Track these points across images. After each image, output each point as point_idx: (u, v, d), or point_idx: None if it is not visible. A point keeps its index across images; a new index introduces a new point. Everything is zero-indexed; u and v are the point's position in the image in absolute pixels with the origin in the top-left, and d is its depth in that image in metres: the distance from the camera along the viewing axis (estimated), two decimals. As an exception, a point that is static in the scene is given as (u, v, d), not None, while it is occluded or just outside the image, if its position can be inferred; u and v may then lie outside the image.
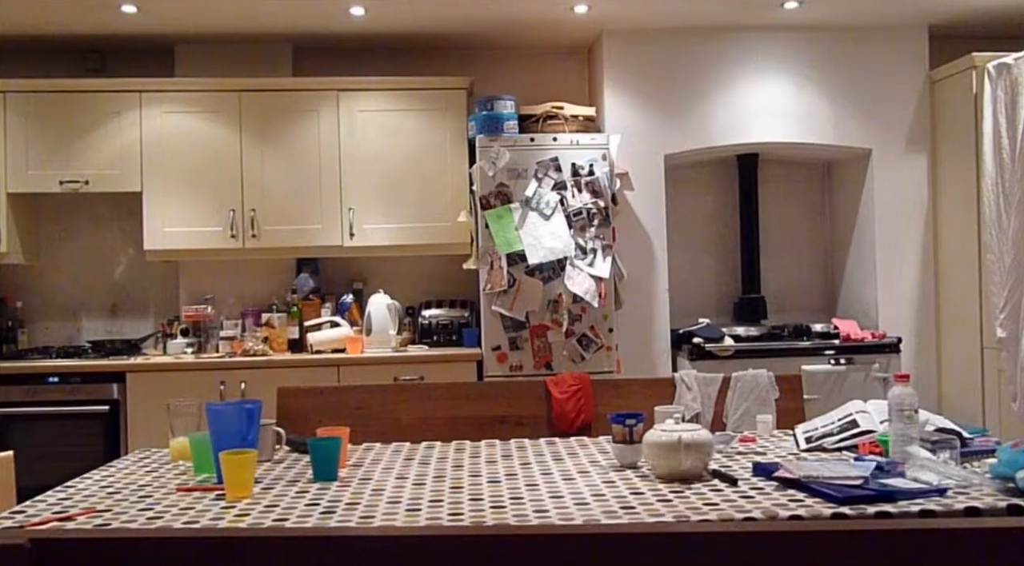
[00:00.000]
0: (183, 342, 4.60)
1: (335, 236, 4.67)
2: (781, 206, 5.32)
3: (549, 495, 2.06)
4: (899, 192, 4.87)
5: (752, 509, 1.88)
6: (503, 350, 4.41)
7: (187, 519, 1.91)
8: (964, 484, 2.00)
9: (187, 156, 4.62)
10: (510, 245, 4.37)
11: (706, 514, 1.86)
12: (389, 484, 2.21)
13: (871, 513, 1.84)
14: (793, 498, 1.97)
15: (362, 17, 4.42)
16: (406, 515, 1.92)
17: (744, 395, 3.39)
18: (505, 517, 1.88)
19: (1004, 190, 4.22)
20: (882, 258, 4.86)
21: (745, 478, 2.17)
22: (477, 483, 2.20)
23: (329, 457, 2.27)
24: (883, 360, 4.58)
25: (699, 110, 4.79)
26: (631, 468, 2.31)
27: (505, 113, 4.45)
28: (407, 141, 4.71)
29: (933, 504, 1.88)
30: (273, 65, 4.84)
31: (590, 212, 4.41)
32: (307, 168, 4.67)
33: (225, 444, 2.20)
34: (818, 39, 4.83)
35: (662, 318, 4.78)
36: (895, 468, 2.13)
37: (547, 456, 2.52)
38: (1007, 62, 4.25)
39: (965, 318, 4.63)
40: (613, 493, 2.06)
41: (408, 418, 3.33)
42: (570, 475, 2.26)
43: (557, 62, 5.14)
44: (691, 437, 2.15)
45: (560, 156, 4.42)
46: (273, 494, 2.12)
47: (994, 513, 1.84)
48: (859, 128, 4.86)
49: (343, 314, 4.72)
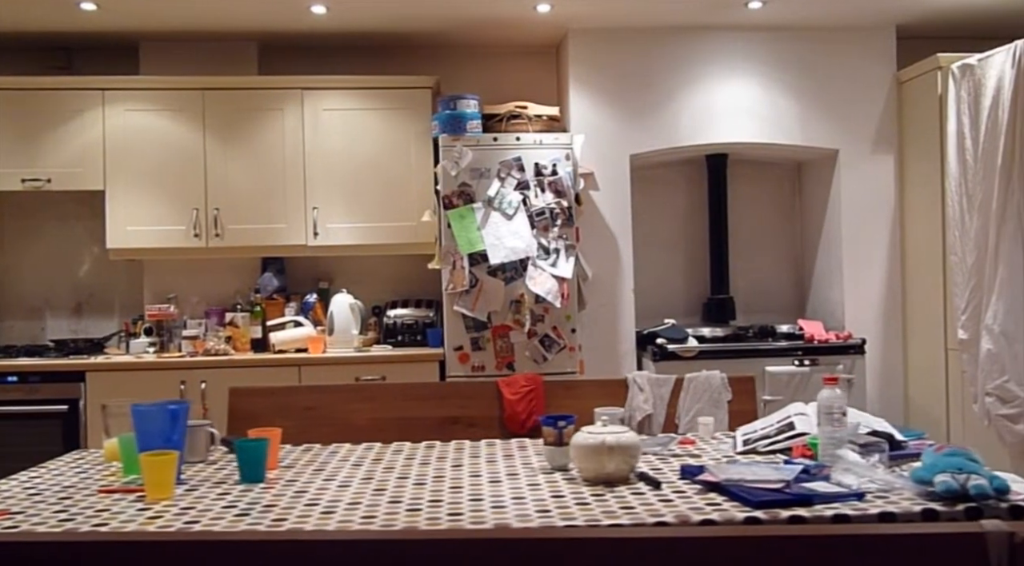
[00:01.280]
0: (145, 341, 4.59)
1: (299, 235, 4.65)
2: (751, 206, 5.31)
3: (470, 498, 2.04)
4: (866, 193, 4.86)
5: (667, 513, 1.87)
6: (465, 350, 4.39)
7: (98, 522, 1.90)
8: (886, 488, 1.99)
9: (150, 154, 4.60)
10: (472, 245, 4.35)
11: (619, 518, 1.85)
12: (314, 486, 2.19)
13: (784, 517, 1.83)
14: (712, 502, 1.95)
15: (324, 15, 4.40)
16: (319, 518, 1.90)
17: (697, 396, 3.38)
18: (417, 521, 1.87)
19: (967, 191, 4.21)
20: (848, 259, 4.85)
21: (671, 481, 2.16)
22: (402, 486, 2.18)
23: (255, 459, 2.25)
24: (847, 361, 4.57)
25: (665, 110, 4.78)
26: (561, 470, 2.30)
27: (468, 112, 4.44)
28: (372, 140, 4.69)
29: (849, 509, 1.86)
30: (238, 63, 4.82)
31: (553, 212, 4.40)
32: (271, 167, 4.66)
33: (149, 445, 2.18)
34: (784, 39, 4.81)
35: (627, 319, 4.77)
36: (821, 471, 2.12)
37: (483, 458, 2.50)
38: (971, 63, 4.24)
39: (930, 319, 4.62)
40: (534, 496, 2.05)
41: (360, 419, 3.31)
42: (498, 478, 2.25)
43: (525, 62, 5.12)
44: (615, 440, 2.14)
45: (523, 156, 4.41)
46: (194, 496, 2.11)
47: (909, 518, 1.83)
48: (826, 128, 4.85)
49: (307, 314, 4.70)
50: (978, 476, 1.88)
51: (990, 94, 4.09)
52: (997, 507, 1.86)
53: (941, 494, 1.88)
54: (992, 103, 4.07)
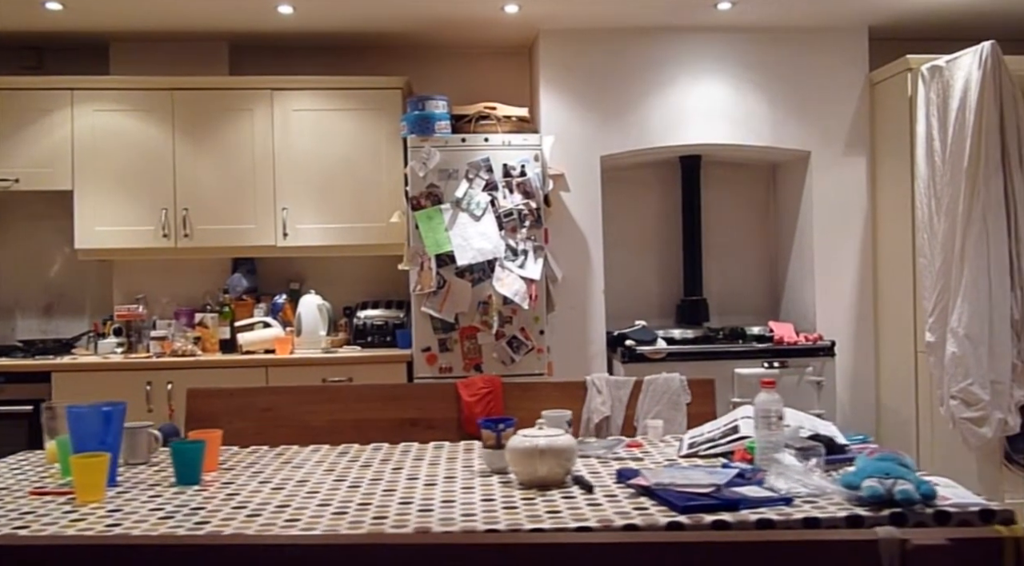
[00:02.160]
0: (113, 342, 4.57)
1: (268, 236, 4.64)
2: (725, 208, 5.29)
3: (400, 502, 2.03)
4: (838, 195, 4.85)
5: (592, 517, 1.85)
6: (433, 351, 4.38)
7: (20, 524, 1.88)
8: (817, 493, 1.98)
9: (119, 154, 4.59)
10: (439, 246, 4.34)
11: (543, 522, 1.83)
12: (248, 489, 2.18)
13: (708, 522, 1.81)
14: (640, 506, 1.94)
15: (291, 15, 4.39)
16: (242, 522, 1.89)
17: (656, 399, 3.36)
18: (340, 525, 1.85)
19: (935, 193, 4.19)
20: (820, 261, 4.84)
21: (606, 485, 2.14)
22: (336, 488, 2.17)
23: (190, 461, 2.24)
24: (817, 364, 4.56)
25: (636, 111, 4.77)
26: (500, 473, 2.29)
27: (437, 113, 4.42)
28: (342, 141, 4.68)
29: (774, 514, 1.85)
30: (210, 64, 4.81)
31: (521, 213, 4.38)
32: (241, 167, 4.64)
33: (84, 447, 2.17)
34: (756, 40, 4.80)
35: (598, 320, 4.76)
36: (755, 476, 2.11)
37: (427, 461, 2.49)
38: (939, 64, 4.23)
39: (901, 322, 4.60)
40: (464, 500, 2.04)
41: (318, 421, 3.31)
42: (435, 481, 2.23)
43: (499, 63, 5.11)
44: (547, 443, 2.12)
45: (492, 157, 4.39)
46: (125, 498, 2.10)
47: (833, 523, 1.82)
48: (797, 130, 4.83)
49: (276, 315, 4.69)
50: (905, 481, 1.86)
51: (958, 96, 4.08)
52: (923, 513, 1.85)
53: (867, 499, 1.87)
54: (959, 105, 4.06)
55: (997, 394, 3.80)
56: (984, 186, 3.89)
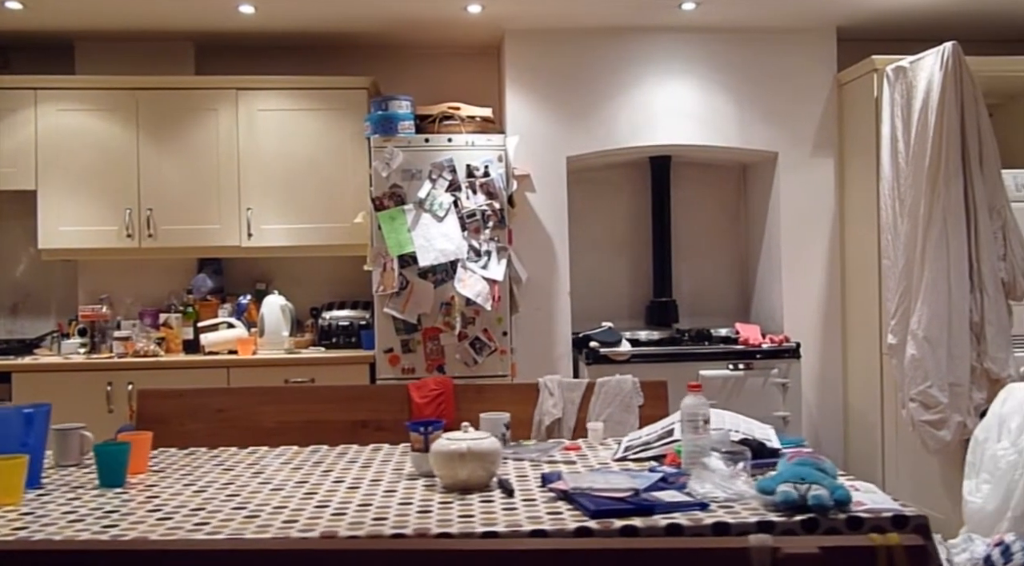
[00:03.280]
0: (77, 342, 4.56)
1: (233, 236, 4.62)
2: (696, 209, 5.27)
3: (316, 505, 2.01)
4: (806, 196, 4.82)
5: (502, 522, 1.84)
6: (395, 352, 4.36)
7: (-73, 527, 1.87)
8: (735, 498, 1.96)
9: (83, 154, 4.57)
10: (402, 247, 4.32)
11: (451, 526, 1.82)
12: (169, 492, 2.16)
13: (617, 527, 1.80)
14: (555, 510, 1.92)
15: (252, 15, 4.38)
16: (151, 525, 1.87)
17: (608, 401, 3.35)
18: (247, 528, 1.84)
19: (899, 195, 4.17)
20: (787, 262, 4.81)
21: (528, 488, 2.13)
22: (258, 491, 2.16)
23: (113, 463, 2.23)
24: (783, 365, 4.54)
25: (602, 112, 4.74)
26: (427, 476, 2.27)
27: (400, 113, 4.40)
28: (307, 141, 4.66)
29: (686, 519, 1.83)
30: (176, 64, 4.79)
31: (485, 214, 4.36)
32: (205, 168, 4.62)
33: (5, 449, 2.16)
34: (723, 41, 4.78)
35: (563, 322, 4.73)
36: (678, 480, 2.09)
37: (358, 463, 2.48)
38: (904, 65, 4.21)
39: (868, 324, 4.58)
40: (381, 503, 2.02)
41: (270, 422, 3.28)
42: (359, 484, 2.22)
43: (467, 63, 5.09)
44: (468, 447, 2.11)
45: (455, 157, 4.37)
46: (43, 500, 2.08)
47: (743, 529, 1.80)
48: (765, 131, 4.81)
49: (241, 315, 4.67)
50: (819, 486, 1.85)
51: (920, 97, 4.06)
52: (836, 518, 1.83)
53: (780, 505, 1.85)
54: (922, 106, 4.04)
55: (956, 397, 3.78)
56: (944, 187, 3.87)
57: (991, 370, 3.78)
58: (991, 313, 3.81)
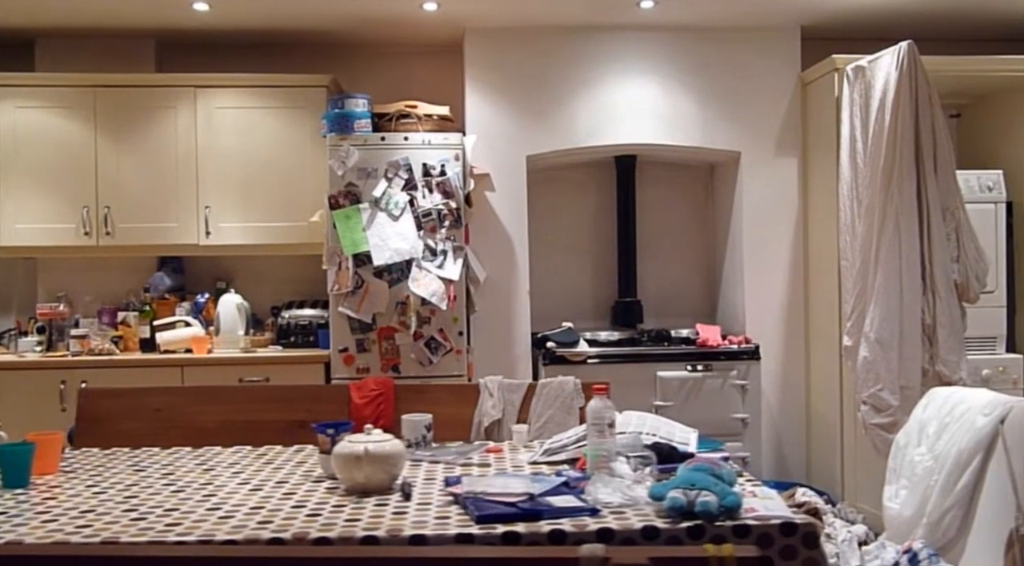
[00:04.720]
0: (33, 340, 4.55)
1: (191, 234, 4.60)
2: (662, 209, 5.23)
3: (208, 508, 1.99)
4: (769, 196, 4.78)
5: (382, 526, 1.81)
6: (350, 352, 4.34)
7: None
8: (628, 504, 1.93)
9: (41, 152, 4.55)
10: (356, 246, 4.29)
11: (333, 530, 1.79)
12: (69, 493, 2.15)
13: (499, 533, 1.77)
14: (444, 515, 1.90)
15: (208, 12, 4.35)
16: (36, 525, 1.85)
17: (549, 402, 3.32)
18: (128, 531, 1.82)
19: (857, 195, 4.14)
20: (750, 263, 4.78)
21: (429, 492, 2.10)
22: (158, 493, 2.14)
23: (17, 464, 2.21)
24: (742, 367, 4.50)
25: (563, 111, 4.71)
26: (332, 479, 2.24)
27: (357, 111, 4.38)
28: (265, 139, 4.64)
29: (571, 525, 1.81)
30: (136, 62, 4.77)
31: (441, 213, 4.34)
32: (164, 166, 4.60)
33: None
34: (685, 40, 4.74)
35: (523, 321, 4.71)
36: (578, 485, 2.07)
37: (273, 465, 2.46)
38: (862, 65, 4.17)
39: (828, 325, 4.54)
40: (273, 506, 2.00)
41: (209, 422, 3.26)
42: (262, 486, 2.20)
43: (430, 62, 5.06)
44: (369, 449, 2.08)
45: (412, 156, 4.35)
46: (-61, 502, 2.07)
47: (627, 535, 1.77)
48: (728, 130, 4.77)
49: (199, 314, 4.65)
50: (709, 493, 1.82)
51: (877, 97, 4.03)
52: (722, 525, 1.80)
53: (668, 511, 1.83)
54: (879, 105, 4.00)
55: (907, 400, 3.73)
56: (897, 188, 3.83)
57: (942, 373, 3.74)
58: (943, 315, 3.77)
